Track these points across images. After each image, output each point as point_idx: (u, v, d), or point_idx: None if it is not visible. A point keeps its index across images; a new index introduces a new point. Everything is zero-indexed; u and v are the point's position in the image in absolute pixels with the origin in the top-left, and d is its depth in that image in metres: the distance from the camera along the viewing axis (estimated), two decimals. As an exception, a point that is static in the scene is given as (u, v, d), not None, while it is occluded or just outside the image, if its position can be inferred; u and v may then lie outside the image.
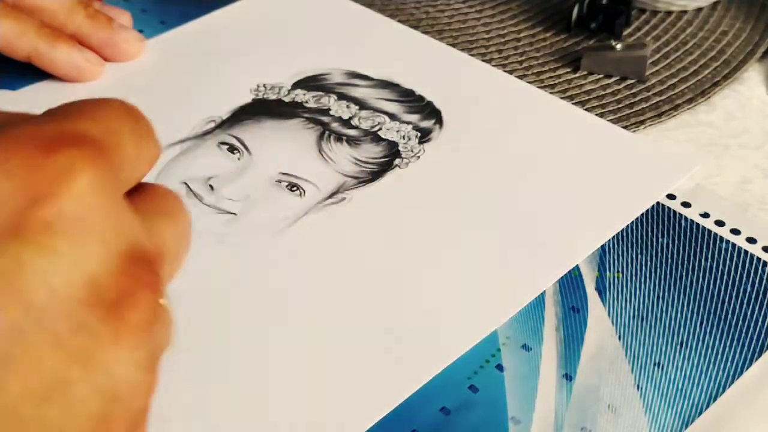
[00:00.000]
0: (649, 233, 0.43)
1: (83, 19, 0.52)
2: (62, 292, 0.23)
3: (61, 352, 0.23)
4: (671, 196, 0.45)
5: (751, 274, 0.42)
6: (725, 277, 0.42)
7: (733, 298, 0.41)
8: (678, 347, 0.38)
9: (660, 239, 0.43)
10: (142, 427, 0.27)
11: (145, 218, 0.26)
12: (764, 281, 0.41)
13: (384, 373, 0.37)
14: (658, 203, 0.45)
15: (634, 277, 0.41)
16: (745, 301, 0.40)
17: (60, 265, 0.23)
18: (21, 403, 0.23)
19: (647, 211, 0.44)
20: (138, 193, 0.27)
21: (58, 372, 0.23)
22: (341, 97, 0.51)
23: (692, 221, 0.44)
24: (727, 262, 0.42)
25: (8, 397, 0.22)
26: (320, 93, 0.51)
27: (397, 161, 0.47)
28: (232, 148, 0.47)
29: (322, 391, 0.36)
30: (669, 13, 0.59)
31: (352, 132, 0.48)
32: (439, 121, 0.50)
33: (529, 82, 0.53)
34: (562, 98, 0.52)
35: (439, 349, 0.38)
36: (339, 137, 0.48)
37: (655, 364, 0.38)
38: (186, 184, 0.45)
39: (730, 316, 0.40)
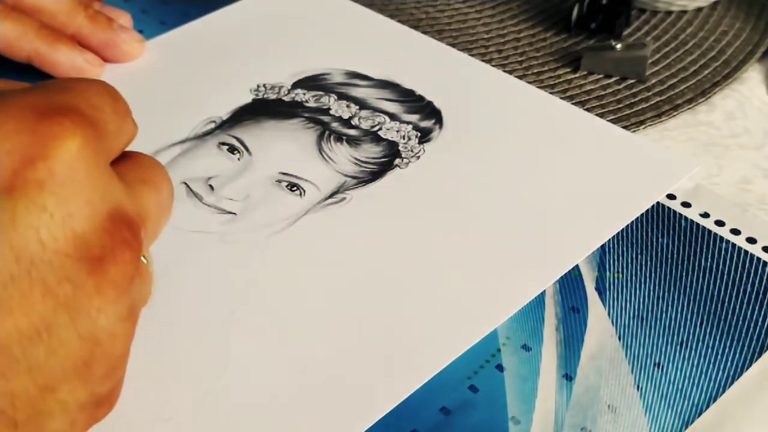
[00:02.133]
0: (649, 233, 0.44)
1: (83, 20, 0.52)
2: (51, 245, 0.26)
3: (48, 299, 0.26)
4: (671, 196, 0.45)
5: (751, 274, 0.42)
6: (725, 277, 0.42)
7: (733, 299, 0.41)
8: (678, 347, 0.38)
9: (660, 239, 0.43)
10: (120, 371, 0.30)
11: (129, 186, 0.29)
12: (764, 281, 0.41)
13: (384, 373, 0.37)
14: (658, 203, 0.45)
15: (634, 278, 0.41)
16: (745, 301, 0.40)
17: (49, 221, 0.26)
18: (11, 342, 0.26)
19: (647, 211, 0.44)
20: (123, 162, 0.30)
21: (45, 317, 0.26)
22: (341, 96, 0.51)
23: (692, 221, 0.44)
24: (727, 262, 0.42)
25: (0, 336, 0.25)
26: (320, 93, 0.51)
27: (397, 161, 0.47)
28: (232, 149, 0.47)
29: (323, 390, 0.36)
30: (669, 13, 0.59)
31: (352, 132, 0.48)
32: (439, 121, 0.50)
33: (529, 82, 0.53)
34: (562, 98, 0.52)
35: (439, 349, 0.38)
36: (339, 137, 0.48)
37: (655, 365, 0.38)
38: (186, 184, 0.45)
39: (730, 316, 0.40)
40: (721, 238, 0.43)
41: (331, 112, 0.50)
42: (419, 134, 0.49)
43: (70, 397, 0.28)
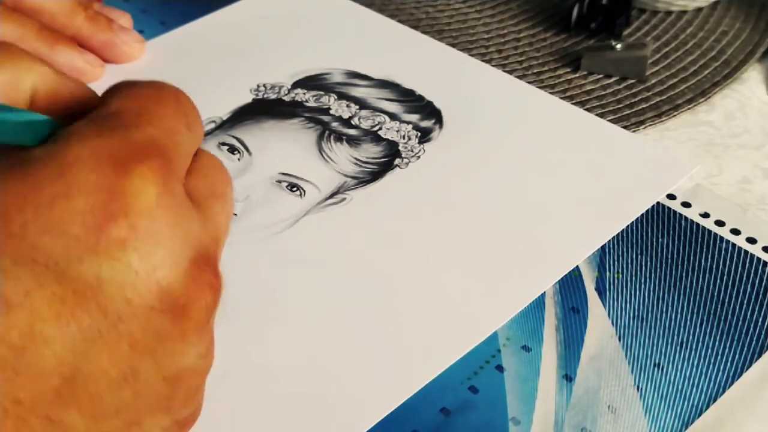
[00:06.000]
0: (649, 233, 0.44)
1: (83, 21, 0.52)
2: (137, 300, 0.26)
3: (134, 349, 0.27)
4: (671, 196, 0.45)
5: (751, 274, 0.42)
6: (725, 277, 0.42)
7: (733, 299, 0.41)
8: (678, 348, 0.39)
9: (660, 239, 0.43)
10: (200, 394, 0.31)
11: (202, 208, 0.29)
12: (764, 281, 0.41)
13: (384, 375, 0.37)
14: (658, 203, 0.45)
15: (634, 278, 0.41)
16: (745, 302, 0.40)
17: (135, 278, 0.26)
18: (101, 390, 0.26)
19: (647, 211, 0.44)
20: (192, 174, 0.29)
21: (132, 364, 0.27)
22: (341, 96, 0.51)
23: (692, 221, 0.44)
24: (727, 262, 0.42)
25: (90, 383, 0.26)
26: (320, 92, 0.51)
27: (397, 161, 0.47)
28: (232, 149, 0.47)
29: (322, 392, 0.36)
30: (669, 13, 0.59)
31: (352, 132, 0.48)
32: (439, 121, 0.50)
33: (529, 82, 0.53)
34: (562, 98, 0.52)
35: (440, 351, 0.38)
36: (339, 137, 0.48)
37: (655, 365, 0.38)
38: (186, 185, 0.45)
39: (730, 316, 0.40)
40: (721, 238, 0.43)
41: (331, 111, 0.50)
42: (419, 134, 0.49)
43: (154, 426, 0.29)
